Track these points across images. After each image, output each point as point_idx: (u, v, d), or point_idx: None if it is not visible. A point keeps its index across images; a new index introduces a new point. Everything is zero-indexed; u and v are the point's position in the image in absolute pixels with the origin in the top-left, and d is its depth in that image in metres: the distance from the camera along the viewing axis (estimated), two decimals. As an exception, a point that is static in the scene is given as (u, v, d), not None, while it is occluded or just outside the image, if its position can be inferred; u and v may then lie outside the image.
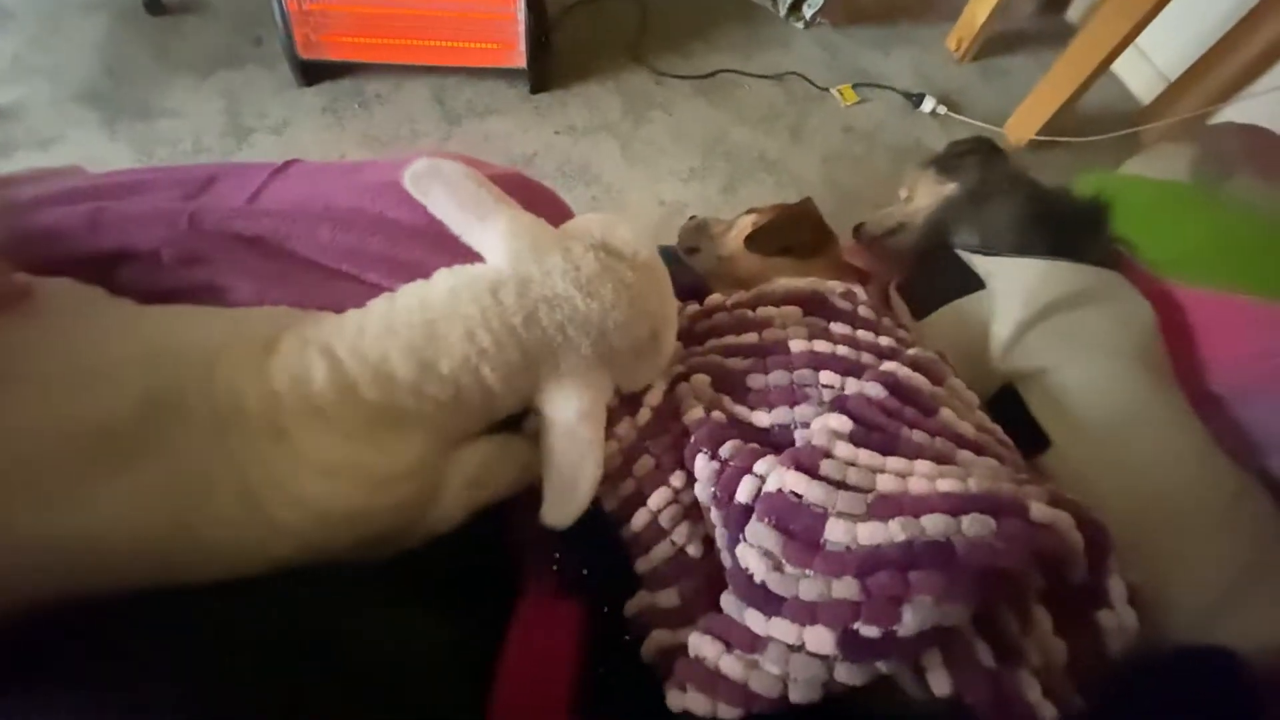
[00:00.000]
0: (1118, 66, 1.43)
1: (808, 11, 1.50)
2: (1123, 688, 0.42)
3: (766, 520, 0.40)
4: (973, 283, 0.60)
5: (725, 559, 0.44)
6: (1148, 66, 1.50)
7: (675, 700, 0.39)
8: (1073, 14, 1.66)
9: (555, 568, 0.45)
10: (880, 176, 1.35)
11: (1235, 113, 1.29)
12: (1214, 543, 0.49)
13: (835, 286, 0.54)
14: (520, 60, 1.31)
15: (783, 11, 1.52)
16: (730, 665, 0.38)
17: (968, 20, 1.49)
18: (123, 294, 0.44)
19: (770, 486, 0.41)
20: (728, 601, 0.41)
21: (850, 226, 0.80)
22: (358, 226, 0.51)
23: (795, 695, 0.36)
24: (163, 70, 1.22)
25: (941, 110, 1.42)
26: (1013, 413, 0.54)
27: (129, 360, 0.37)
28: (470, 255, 0.45)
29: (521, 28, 1.26)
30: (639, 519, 0.46)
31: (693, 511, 0.46)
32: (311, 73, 1.26)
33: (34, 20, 1.24)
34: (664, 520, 0.46)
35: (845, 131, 1.40)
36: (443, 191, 0.44)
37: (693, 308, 0.58)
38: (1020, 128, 1.36)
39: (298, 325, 0.42)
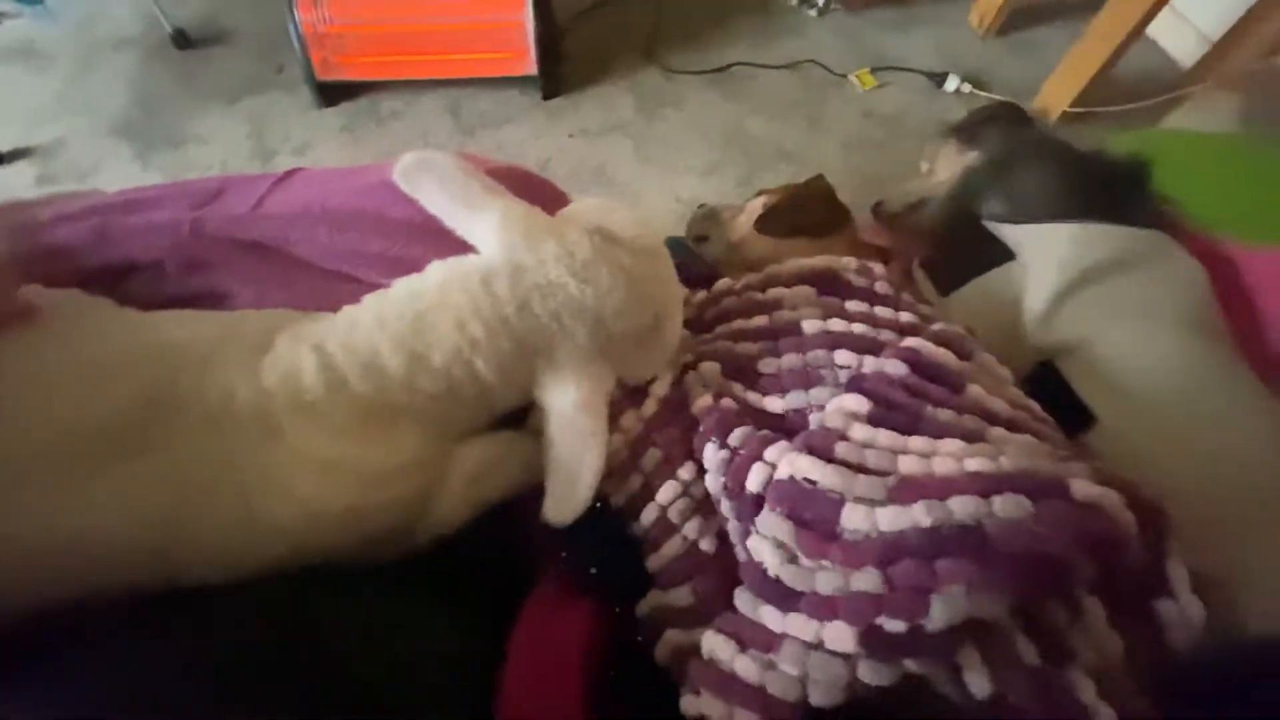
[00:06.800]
0: (1154, 30, 1.35)
1: (820, -2, 1.47)
2: (1194, 685, 0.37)
3: (778, 509, 0.37)
4: (1001, 254, 0.56)
5: (739, 553, 0.41)
6: (1187, 28, 1.42)
7: (690, 705, 0.37)
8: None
9: (563, 566, 0.44)
10: (905, 160, 1.29)
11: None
12: None
13: (849, 263, 0.51)
14: (532, 67, 1.32)
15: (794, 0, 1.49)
16: (745, 666, 0.35)
17: (989, -6, 1.44)
18: (130, 304, 0.45)
19: (781, 473, 0.38)
20: (742, 598, 0.38)
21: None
22: (357, 227, 0.50)
23: (815, 697, 0.33)
24: (192, 100, 1.27)
25: (966, 88, 1.36)
26: (1052, 389, 0.49)
27: (128, 360, 0.37)
28: (471, 249, 0.44)
29: (531, 36, 1.27)
30: (648, 514, 0.44)
31: (704, 505, 0.43)
32: (330, 94, 1.28)
33: (71, 61, 1.31)
34: (673, 515, 0.43)
35: (865, 116, 1.36)
36: (433, 184, 0.43)
37: (701, 295, 0.56)
38: (1052, 100, 1.30)
39: (293, 325, 0.42)
